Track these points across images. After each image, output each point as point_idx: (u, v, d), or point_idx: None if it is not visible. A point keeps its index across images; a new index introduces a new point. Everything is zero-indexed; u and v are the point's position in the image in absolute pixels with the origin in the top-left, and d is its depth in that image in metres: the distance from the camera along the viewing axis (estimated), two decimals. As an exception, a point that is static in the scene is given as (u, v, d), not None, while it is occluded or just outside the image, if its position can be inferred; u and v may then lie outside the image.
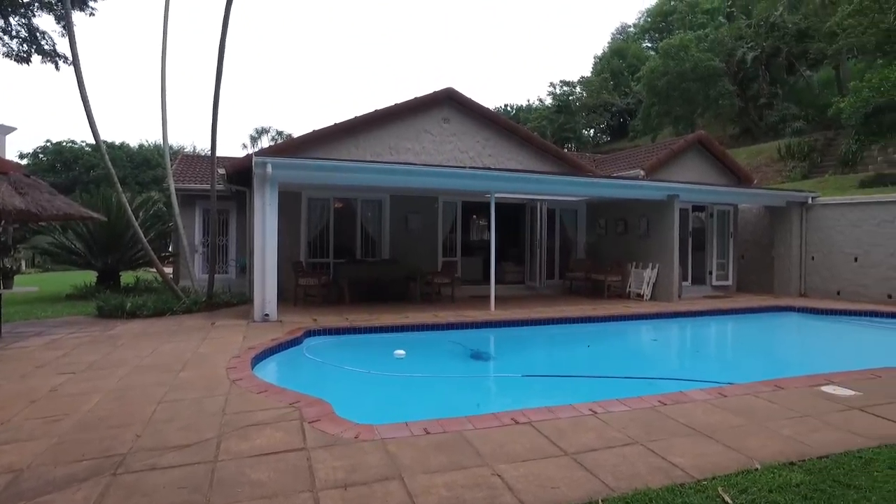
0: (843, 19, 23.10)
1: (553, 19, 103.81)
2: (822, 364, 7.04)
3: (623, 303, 13.22)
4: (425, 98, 14.83)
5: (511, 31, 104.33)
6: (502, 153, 15.56)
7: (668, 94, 33.57)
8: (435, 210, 15.13)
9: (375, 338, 9.38)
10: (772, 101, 32.53)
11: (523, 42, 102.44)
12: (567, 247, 16.94)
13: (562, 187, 13.69)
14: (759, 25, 33.07)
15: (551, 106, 46.58)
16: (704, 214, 15.62)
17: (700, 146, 18.06)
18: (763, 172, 25.08)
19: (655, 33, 53.18)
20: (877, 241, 13.68)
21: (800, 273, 15.14)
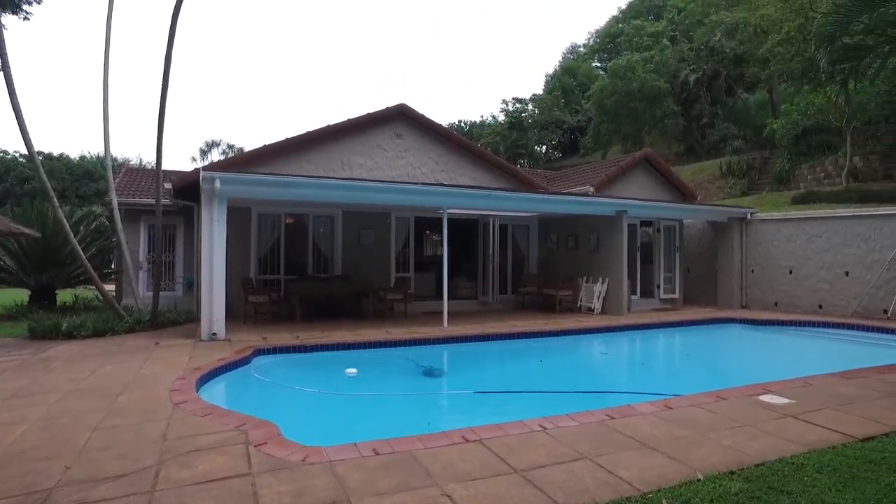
0: (772, 47, 24.50)
1: (506, 37, 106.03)
2: (761, 373, 7.33)
3: (574, 317, 13.44)
4: (378, 114, 14.84)
5: (465, 49, 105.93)
6: (455, 169, 15.69)
7: (617, 113, 34.69)
8: (388, 226, 15.08)
9: (327, 356, 9.22)
10: (713, 121, 34.05)
11: (477, 59, 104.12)
12: (519, 262, 17.14)
13: (514, 203, 13.88)
14: (700, 49, 34.66)
15: (504, 122, 47.34)
16: (652, 229, 16.11)
17: (647, 163, 18.68)
18: (706, 189, 26.10)
19: (604, 54, 55.00)
20: (808, 255, 14.41)
21: (741, 285, 15.76)
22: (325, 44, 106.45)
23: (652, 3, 55.83)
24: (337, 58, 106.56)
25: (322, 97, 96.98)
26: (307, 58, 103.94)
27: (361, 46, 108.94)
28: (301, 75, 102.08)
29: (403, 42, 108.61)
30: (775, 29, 24.87)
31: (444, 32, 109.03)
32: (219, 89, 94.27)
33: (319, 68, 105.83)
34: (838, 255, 13.85)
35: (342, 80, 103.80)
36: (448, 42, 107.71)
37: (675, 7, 50.32)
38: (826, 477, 3.71)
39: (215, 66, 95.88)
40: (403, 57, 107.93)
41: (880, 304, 13.00)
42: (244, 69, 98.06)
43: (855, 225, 13.63)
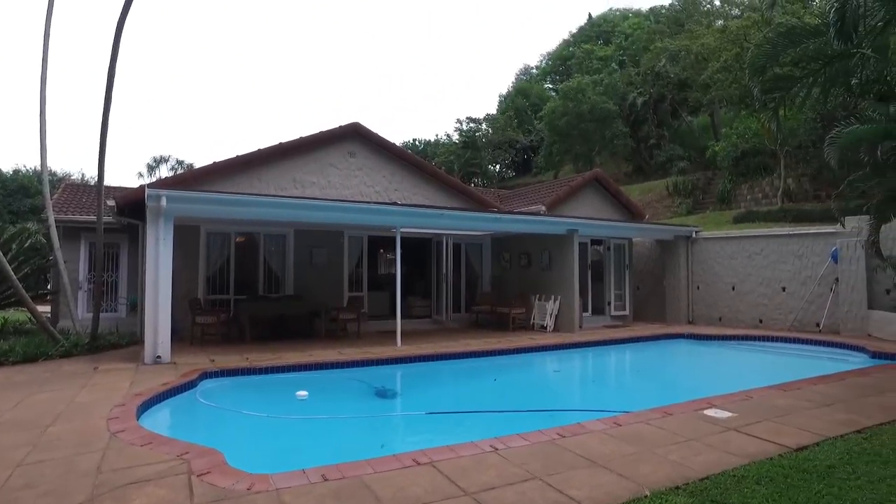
0: (712, 74, 25.76)
1: (461, 58, 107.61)
2: (706, 388, 7.55)
3: (527, 335, 13.58)
4: (331, 132, 14.77)
5: (420, 68, 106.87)
6: (409, 188, 15.72)
7: (569, 133, 35.59)
8: (340, 244, 14.93)
9: (277, 378, 9.00)
10: (660, 143, 35.36)
11: (432, 79, 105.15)
12: (473, 280, 17.24)
13: (467, 222, 13.99)
14: (646, 74, 36.05)
15: (458, 141, 47.87)
16: (602, 248, 16.51)
17: (597, 183, 19.18)
18: (654, 208, 26.99)
19: (556, 76, 56.54)
20: (749, 272, 15.05)
21: (687, 302, 16.28)
22: (280, 61, 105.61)
23: (601, 29, 57.93)
24: (292, 75, 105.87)
25: (276, 115, 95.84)
26: (262, 75, 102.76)
27: (317, 65, 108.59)
28: (256, 93, 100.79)
29: (358, 60, 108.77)
30: (714, 57, 26.16)
31: (400, 51, 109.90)
32: (170, 104, 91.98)
33: (274, 86, 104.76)
34: (776, 272, 14.51)
35: (297, 97, 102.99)
36: (403, 61, 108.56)
37: (622, 33, 52.38)
38: (764, 488, 3.85)
39: (167, 80, 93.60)
40: (358, 76, 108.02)
41: (813, 317, 13.66)
42: (197, 84, 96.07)
43: (789, 243, 14.33)
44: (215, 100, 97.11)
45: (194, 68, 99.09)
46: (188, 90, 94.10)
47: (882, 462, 4.39)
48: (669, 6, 44.10)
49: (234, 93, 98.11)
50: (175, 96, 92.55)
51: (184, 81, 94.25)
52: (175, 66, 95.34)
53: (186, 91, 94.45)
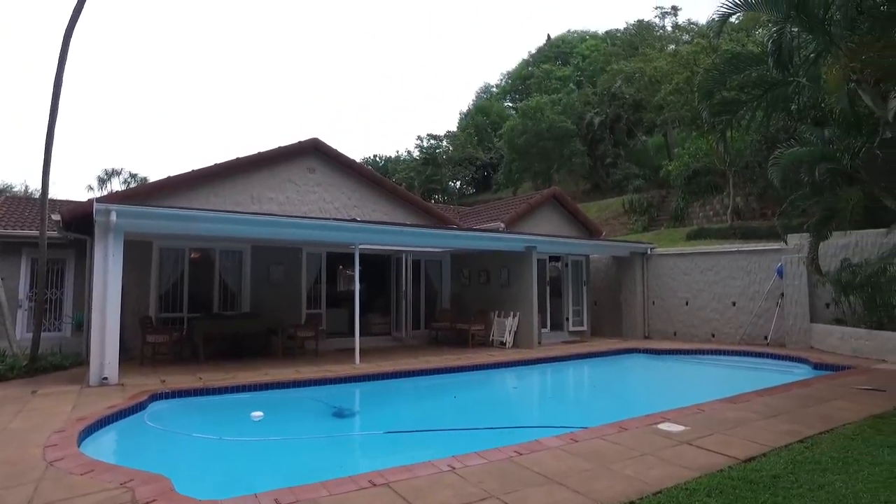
0: (665, 96, 26.73)
1: (422, 75, 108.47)
2: (661, 402, 7.70)
3: (487, 351, 13.62)
4: (291, 147, 14.63)
5: (381, 84, 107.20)
6: (368, 204, 15.67)
7: (528, 151, 36.22)
8: (299, 261, 14.73)
9: (231, 399, 8.75)
10: (616, 161, 36.33)
11: (394, 95, 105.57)
12: (432, 297, 17.22)
13: (427, 239, 14.01)
14: (603, 94, 37.13)
15: (419, 158, 48.09)
16: (560, 264, 16.76)
17: (555, 201, 19.52)
18: (611, 225, 27.62)
19: (516, 94, 57.57)
20: (701, 287, 15.51)
21: (643, 317, 16.64)
22: (240, 75, 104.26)
23: (559, 50, 59.40)
24: (252, 90, 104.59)
25: (235, 130, 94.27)
26: (222, 90, 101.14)
27: (278, 79, 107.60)
28: (214, 107, 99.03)
29: (319, 76, 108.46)
30: (667, 80, 27.15)
31: (361, 67, 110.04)
32: (124, 116, 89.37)
33: (234, 101, 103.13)
34: (726, 287, 15.00)
35: (257, 112, 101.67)
36: (364, 77, 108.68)
37: (580, 54, 53.83)
38: (714, 500, 3.94)
39: (122, 91, 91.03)
40: (320, 91, 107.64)
41: (761, 331, 14.15)
42: (155, 97, 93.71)
43: (739, 259, 14.85)
44: (173, 113, 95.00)
45: (151, 80, 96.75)
46: (144, 103, 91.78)
47: (821, 470, 4.56)
48: (624, 30, 45.66)
49: (193, 107, 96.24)
50: (130, 108, 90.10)
51: (140, 94, 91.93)
52: (131, 77, 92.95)
53: (143, 103, 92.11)
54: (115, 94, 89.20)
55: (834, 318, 12.60)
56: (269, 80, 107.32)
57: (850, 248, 12.55)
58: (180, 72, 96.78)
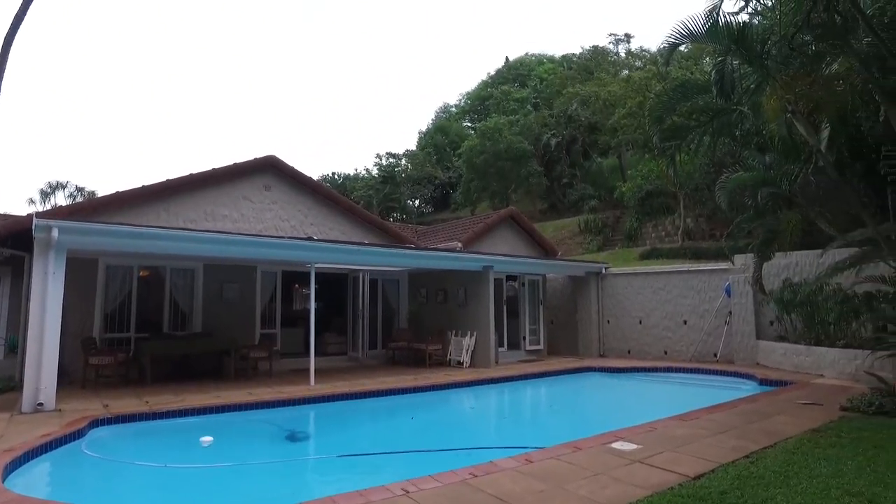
0: (619, 119, 27.59)
1: (382, 94, 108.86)
2: (615, 420, 7.81)
3: (444, 371, 13.57)
4: (246, 164, 14.41)
5: (342, 102, 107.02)
6: (325, 222, 15.53)
7: (486, 171, 36.65)
8: (253, 280, 14.43)
9: (180, 423, 8.42)
10: (572, 182, 37.13)
11: (352, 112, 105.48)
12: (390, 316, 17.09)
13: (384, 258, 13.95)
14: (559, 116, 38.05)
15: (378, 176, 48.06)
16: (517, 283, 16.92)
17: (512, 221, 19.76)
18: (567, 244, 28.10)
19: (474, 115, 58.33)
20: (654, 306, 15.90)
21: (599, 335, 16.92)
22: (197, 90, 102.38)
23: (517, 72, 60.66)
24: (210, 106, 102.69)
25: (192, 146, 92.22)
26: (177, 104, 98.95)
27: (235, 95, 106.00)
28: (169, 122, 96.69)
29: (278, 92, 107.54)
30: (620, 104, 28.05)
31: (322, 84, 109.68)
32: (73, 127, 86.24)
33: (190, 116, 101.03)
34: (678, 306, 15.41)
35: (213, 129, 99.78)
36: (324, 94, 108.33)
37: (537, 77, 55.08)
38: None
39: (70, 103, 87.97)
40: (279, 107, 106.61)
41: (711, 348, 14.57)
42: (108, 109, 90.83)
43: (689, 279, 15.31)
44: (127, 127, 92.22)
45: (106, 91, 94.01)
46: (96, 114, 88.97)
47: (765, 485, 4.71)
48: (580, 55, 46.99)
49: (148, 122, 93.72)
50: (80, 119, 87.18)
51: (93, 105, 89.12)
52: (83, 86, 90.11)
53: (94, 115, 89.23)
54: (64, 104, 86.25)
55: (778, 335, 13.10)
56: (227, 95, 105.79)
57: (791, 268, 13.11)
58: (134, 84, 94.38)
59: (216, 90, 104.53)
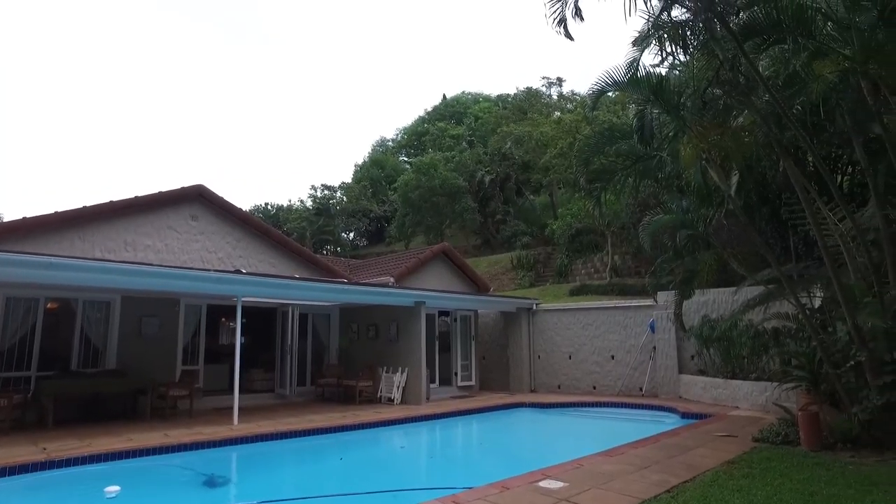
0: (551, 159, 28.61)
1: (319, 125, 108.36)
2: (545, 457, 7.84)
3: (374, 408, 13.29)
4: (172, 193, 13.92)
5: (277, 131, 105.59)
6: (254, 255, 15.12)
7: (421, 206, 36.92)
8: (176, 313, 13.72)
9: (83, 471, 7.75)
10: (506, 218, 37.93)
11: (289, 143, 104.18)
12: (319, 352, 16.66)
13: (314, 293, 13.68)
14: (493, 154, 39.03)
15: (312, 208, 47.45)
16: (449, 319, 16.95)
17: (444, 256, 19.90)
18: (500, 280, 28.47)
19: (411, 149, 58.93)
20: (583, 342, 16.30)
21: (530, 371, 17.11)
22: (123, 116, 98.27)
23: (454, 109, 62.02)
24: (140, 134, 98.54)
25: (117, 174, 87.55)
26: (103, 130, 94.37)
27: (166, 123, 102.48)
28: (93, 151, 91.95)
29: (211, 120, 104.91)
30: (552, 144, 29.10)
31: (258, 114, 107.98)
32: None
33: (115, 144, 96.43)
34: (606, 341, 15.86)
35: (144, 158, 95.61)
36: (260, 123, 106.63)
37: (473, 115, 56.52)
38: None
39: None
40: (211, 136, 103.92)
41: (637, 382, 15.03)
42: (31, 133, 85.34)
43: (616, 315, 15.83)
44: (46, 153, 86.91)
45: (20, 114, 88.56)
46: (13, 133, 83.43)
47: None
48: (515, 95, 48.66)
49: (69, 146, 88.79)
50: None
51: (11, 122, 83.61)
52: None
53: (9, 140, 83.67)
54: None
55: (698, 369, 13.68)
56: (158, 122, 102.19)
57: (709, 304, 13.80)
58: (56, 109, 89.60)
59: (146, 117, 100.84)
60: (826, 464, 6.69)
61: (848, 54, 6.44)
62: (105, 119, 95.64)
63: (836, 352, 7.92)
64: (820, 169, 7.72)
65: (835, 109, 7.84)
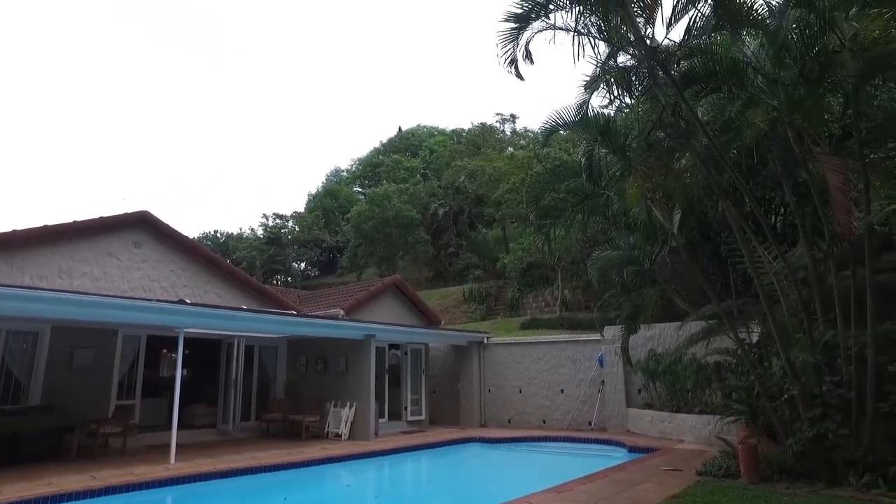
0: (503, 193, 29.14)
1: (274, 153, 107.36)
2: (495, 494, 7.76)
3: (321, 444, 12.89)
4: (114, 218, 13.40)
5: (230, 159, 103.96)
6: (200, 285, 14.64)
7: (374, 237, 36.83)
8: (113, 344, 13.01)
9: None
10: (458, 251, 38.18)
11: (241, 171, 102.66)
12: (266, 385, 16.11)
13: (262, 325, 13.31)
14: (447, 187, 39.46)
15: (263, 237, 46.62)
16: (400, 352, 16.74)
17: (396, 289, 19.77)
18: (452, 313, 28.46)
19: (365, 180, 58.99)
20: (533, 376, 16.35)
21: (480, 405, 17.00)
22: (66, 138, 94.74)
23: (409, 142, 62.69)
24: (90, 158, 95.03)
25: (63, 201, 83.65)
26: (47, 154, 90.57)
27: (113, 145, 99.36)
28: (35, 174, 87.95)
29: (162, 144, 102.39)
30: (505, 179, 29.69)
31: (211, 141, 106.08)
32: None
33: (57, 168, 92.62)
34: (555, 375, 15.96)
35: (88, 183, 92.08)
36: (213, 151, 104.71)
37: (428, 148, 57.23)
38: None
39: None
40: (161, 160, 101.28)
41: (586, 416, 15.13)
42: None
43: (566, 349, 15.99)
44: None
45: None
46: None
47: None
48: (469, 130, 49.66)
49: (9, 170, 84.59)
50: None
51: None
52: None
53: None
54: None
55: (645, 402, 13.89)
56: (106, 144, 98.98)
57: (655, 339, 14.11)
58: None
59: (96, 142, 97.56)
60: (764, 496, 6.86)
61: (776, 105, 6.87)
62: (49, 144, 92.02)
63: (771, 385, 8.20)
64: (754, 210, 8.13)
65: (767, 154, 8.32)
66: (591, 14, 7.00)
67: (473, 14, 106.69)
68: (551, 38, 7.08)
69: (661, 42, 7.32)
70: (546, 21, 7.08)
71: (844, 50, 6.51)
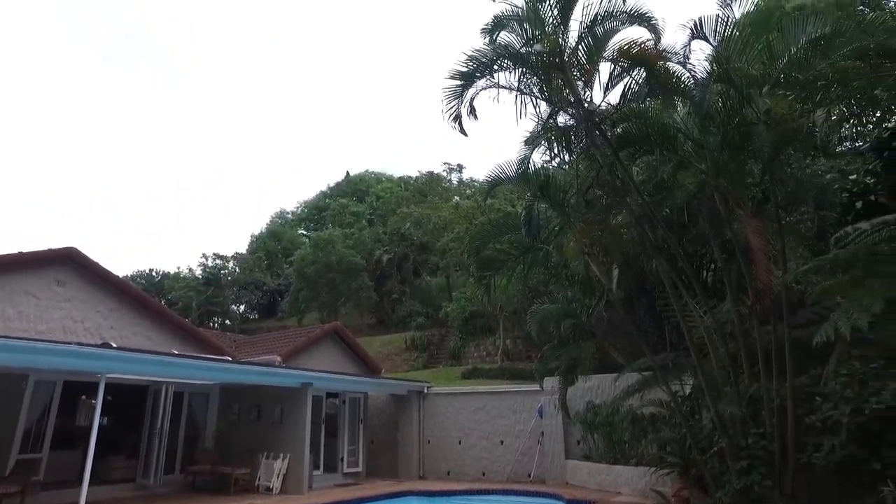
0: (448, 242, 29.44)
1: (216, 193, 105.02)
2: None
3: (250, 499, 12.19)
4: (36, 254, 12.69)
5: (168, 196, 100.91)
6: (128, 327, 13.92)
7: (316, 282, 36.26)
8: (20, 391, 11.96)
9: None
10: (402, 298, 38.02)
11: (181, 209, 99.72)
12: (194, 435, 15.17)
13: (192, 371, 12.72)
14: (393, 234, 39.61)
15: (201, 277, 45.06)
16: (338, 401, 16.25)
17: (336, 336, 19.38)
18: (393, 360, 28.06)
19: (311, 223, 58.46)
20: (473, 426, 16.15)
21: (419, 456, 16.59)
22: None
23: (356, 187, 62.84)
24: (10, 193, 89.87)
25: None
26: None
27: (46, 182, 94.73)
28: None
29: (96, 179, 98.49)
30: (449, 228, 30.03)
31: (149, 177, 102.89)
32: None
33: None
34: (495, 426, 15.80)
35: (14, 219, 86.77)
36: (152, 188, 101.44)
37: (375, 194, 57.47)
38: None
39: None
40: (98, 196, 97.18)
41: (526, 468, 14.98)
42: None
43: (506, 399, 15.92)
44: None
45: None
46: None
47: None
48: (417, 178, 50.34)
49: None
50: None
51: None
52: None
53: None
54: None
55: (583, 454, 13.91)
56: (39, 181, 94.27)
57: (593, 390, 14.26)
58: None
59: (26, 176, 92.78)
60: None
61: (703, 169, 7.33)
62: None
63: (702, 438, 8.41)
64: (685, 266, 8.52)
65: (697, 214, 8.80)
66: (532, 75, 7.34)
67: (425, 62, 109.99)
68: (495, 96, 7.37)
69: (599, 105, 7.75)
70: (490, 80, 7.37)
71: (760, 122, 7.06)
